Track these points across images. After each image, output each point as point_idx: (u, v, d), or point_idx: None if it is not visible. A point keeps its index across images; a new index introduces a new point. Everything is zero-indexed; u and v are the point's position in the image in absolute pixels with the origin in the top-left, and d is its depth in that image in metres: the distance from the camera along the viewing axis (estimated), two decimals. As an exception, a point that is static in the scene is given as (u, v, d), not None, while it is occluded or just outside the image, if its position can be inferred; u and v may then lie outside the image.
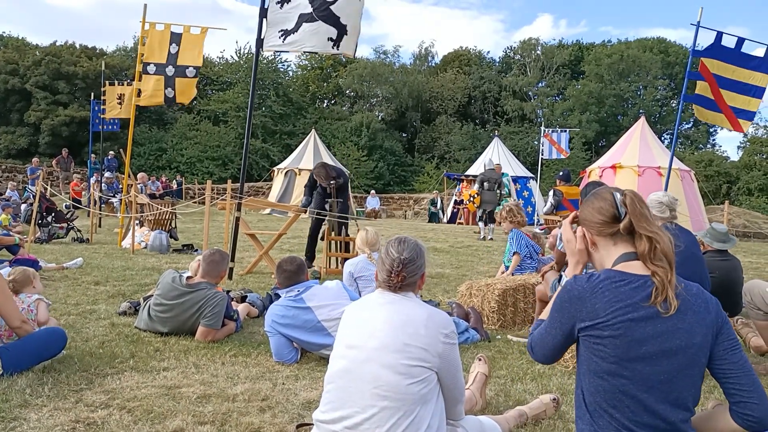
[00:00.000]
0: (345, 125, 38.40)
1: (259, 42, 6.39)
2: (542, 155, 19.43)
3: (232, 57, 39.39)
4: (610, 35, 72.68)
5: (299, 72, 44.06)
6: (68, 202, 13.94)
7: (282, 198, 18.78)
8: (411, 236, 2.33)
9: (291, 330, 3.67)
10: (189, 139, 34.34)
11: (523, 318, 4.98)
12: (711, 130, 40.49)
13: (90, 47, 36.32)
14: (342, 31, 6.17)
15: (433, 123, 41.21)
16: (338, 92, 44.17)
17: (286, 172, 19.79)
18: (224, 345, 4.01)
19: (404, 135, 43.50)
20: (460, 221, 18.85)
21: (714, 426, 1.87)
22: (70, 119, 30.67)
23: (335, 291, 3.86)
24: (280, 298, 3.83)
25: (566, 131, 19.89)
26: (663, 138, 36.44)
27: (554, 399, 2.94)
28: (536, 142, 31.64)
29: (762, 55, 6.98)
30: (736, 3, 71.41)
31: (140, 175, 15.80)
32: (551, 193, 12.02)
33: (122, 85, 13.37)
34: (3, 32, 40.56)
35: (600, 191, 1.88)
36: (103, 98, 13.37)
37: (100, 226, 13.12)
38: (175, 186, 23.44)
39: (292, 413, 2.87)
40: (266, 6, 6.33)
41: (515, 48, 43.69)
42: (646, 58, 38.05)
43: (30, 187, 16.90)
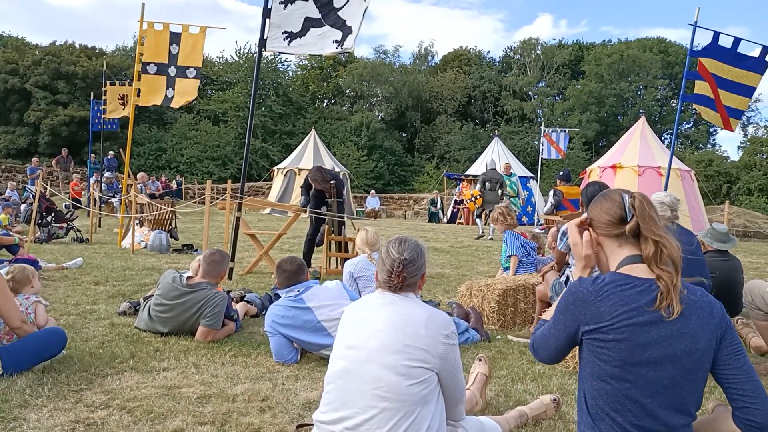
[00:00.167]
0: (345, 125, 38.38)
1: (262, 42, 6.36)
2: (542, 155, 19.41)
3: (232, 57, 39.50)
4: (610, 35, 72.68)
5: (299, 72, 44.07)
6: (68, 202, 13.91)
7: (282, 198, 18.77)
8: (411, 236, 2.32)
9: (291, 330, 3.67)
10: (189, 139, 34.35)
11: (524, 318, 4.98)
12: (711, 130, 40.49)
13: (90, 47, 36.34)
14: (347, 32, 6.15)
15: (433, 123, 41.20)
16: (338, 92, 44.15)
17: (286, 172, 19.80)
18: (224, 345, 4.01)
19: (404, 135, 43.48)
20: (460, 221, 18.84)
21: (716, 431, 1.87)
22: (70, 119, 30.66)
23: (335, 291, 3.85)
24: (280, 299, 3.83)
25: (566, 131, 19.86)
26: (663, 138, 36.41)
27: (555, 399, 2.94)
28: (536, 142, 31.63)
29: (757, 56, 7.00)
30: (736, 3, 71.56)
31: (140, 175, 15.77)
32: (551, 193, 12.04)
33: (123, 86, 13.37)
34: (3, 32, 40.64)
35: (610, 192, 1.87)
36: (104, 98, 13.38)
37: (100, 226, 13.11)
38: (175, 186, 23.43)
39: (292, 413, 2.87)
40: (269, 6, 6.30)
41: (515, 48, 43.75)
42: (646, 58, 38.05)
43: (30, 187, 16.89)
